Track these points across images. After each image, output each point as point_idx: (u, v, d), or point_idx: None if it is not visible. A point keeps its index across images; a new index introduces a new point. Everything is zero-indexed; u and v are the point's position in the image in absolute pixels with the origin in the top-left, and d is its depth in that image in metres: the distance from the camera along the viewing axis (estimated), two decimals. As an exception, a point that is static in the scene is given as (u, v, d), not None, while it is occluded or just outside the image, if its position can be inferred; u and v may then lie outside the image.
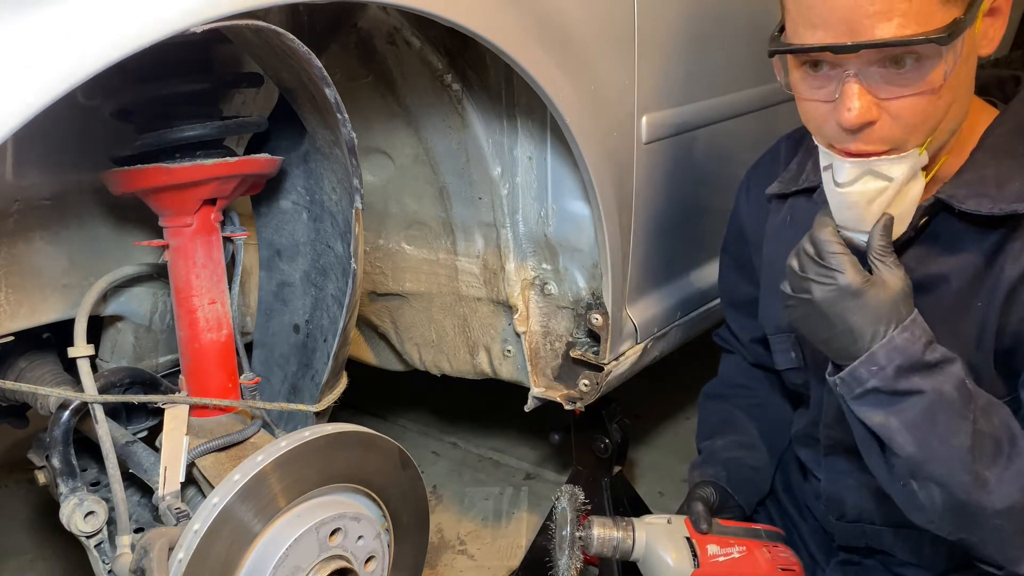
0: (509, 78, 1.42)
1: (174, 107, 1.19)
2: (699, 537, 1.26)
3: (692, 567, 1.23)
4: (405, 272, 1.75)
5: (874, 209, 1.03)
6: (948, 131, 1.03)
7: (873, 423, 1.02)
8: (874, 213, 1.03)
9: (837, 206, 1.04)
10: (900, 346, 0.99)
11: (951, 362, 1.01)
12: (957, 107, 1.01)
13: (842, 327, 1.02)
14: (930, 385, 0.99)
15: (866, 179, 1.01)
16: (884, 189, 1.00)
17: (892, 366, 0.99)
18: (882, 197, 1.01)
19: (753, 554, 1.29)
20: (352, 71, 1.48)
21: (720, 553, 1.27)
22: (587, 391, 1.60)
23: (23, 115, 0.75)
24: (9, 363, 1.44)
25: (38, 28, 0.76)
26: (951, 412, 0.99)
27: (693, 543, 1.26)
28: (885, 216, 1.02)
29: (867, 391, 1.01)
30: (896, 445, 1.01)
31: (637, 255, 1.56)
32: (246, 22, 0.90)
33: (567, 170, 1.47)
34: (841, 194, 1.02)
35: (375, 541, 1.19)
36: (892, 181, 1.00)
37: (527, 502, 2.30)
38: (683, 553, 1.24)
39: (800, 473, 1.45)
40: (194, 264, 1.21)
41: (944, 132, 1.02)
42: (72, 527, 1.16)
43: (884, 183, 1.00)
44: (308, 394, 1.35)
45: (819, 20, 0.95)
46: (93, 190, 1.32)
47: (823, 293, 1.02)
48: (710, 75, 1.66)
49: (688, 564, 1.23)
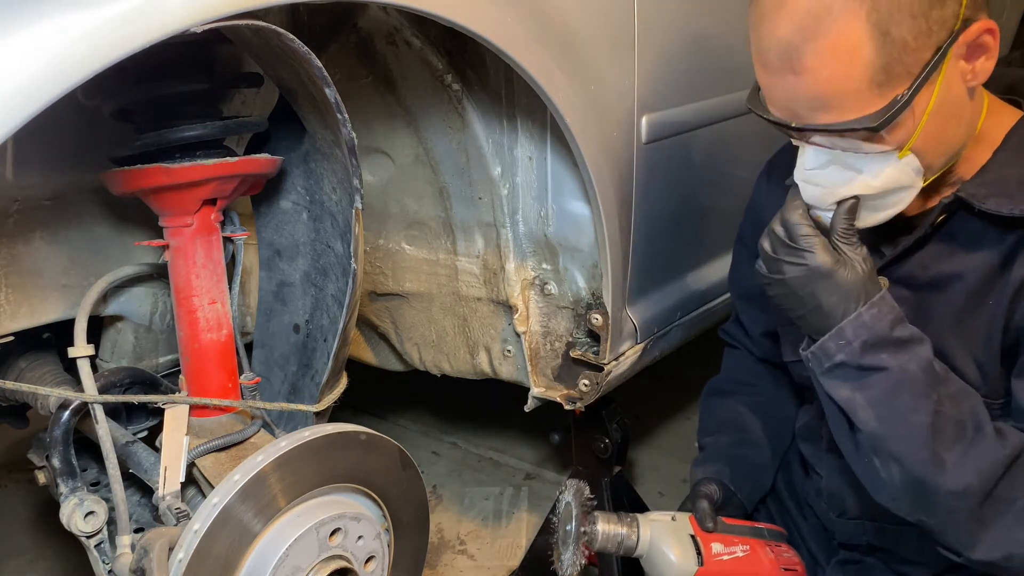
0: (509, 78, 1.42)
1: (174, 107, 1.19)
2: (703, 535, 1.26)
3: (696, 565, 1.23)
4: (405, 272, 1.75)
5: (839, 194, 1.05)
6: (944, 155, 1.05)
7: (840, 397, 1.05)
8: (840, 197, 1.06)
9: (804, 187, 1.07)
10: (867, 322, 1.02)
11: (919, 342, 1.04)
12: (944, 143, 1.03)
13: (813, 305, 1.05)
14: (895, 362, 1.02)
15: (831, 168, 1.04)
16: (850, 180, 1.03)
17: (859, 341, 1.02)
18: (846, 189, 1.04)
19: (757, 553, 1.29)
20: (352, 71, 1.48)
21: (724, 552, 1.26)
22: (587, 391, 1.60)
23: (23, 115, 0.75)
24: (9, 363, 1.44)
25: (38, 28, 0.76)
26: (914, 391, 1.01)
27: (697, 541, 1.25)
28: (850, 200, 1.04)
29: (835, 365, 1.04)
30: (859, 420, 1.04)
31: (637, 255, 1.56)
32: (246, 22, 0.90)
33: (567, 170, 1.47)
34: (805, 178, 1.06)
35: (375, 541, 1.19)
36: (861, 173, 1.03)
37: (527, 502, 2.30)
38: (687, 551, 1.24)
39: (802, 470, 1.45)
40: (194, 264, 1.21)
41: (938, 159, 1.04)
42: (72, 527, 1.16)
43: (852, 173, 1.03)
44: (308, 394, 1.35)
45: (770, 101, 1.04)
46: (93, 190, 1.32)
47: (794, 273, 1.05)
48: (710, 75, 1.66)
49: (692, 562, 1.23)
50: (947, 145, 1.05)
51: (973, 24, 0.95)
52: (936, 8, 0.93)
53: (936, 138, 1.02)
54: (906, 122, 0.98)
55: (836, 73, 0.95)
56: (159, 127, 1.17)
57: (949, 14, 0.94)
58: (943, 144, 1.04)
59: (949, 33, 0.94)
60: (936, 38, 0.94)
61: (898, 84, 0.95)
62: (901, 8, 0.92)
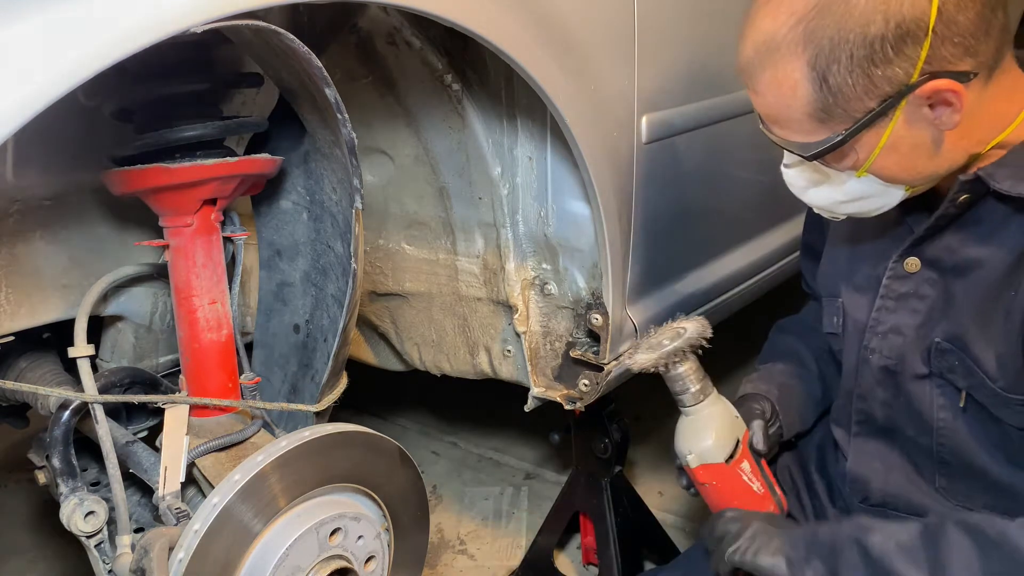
0: (509, 78, 1.42)
1: (174, 107, 1.19)
2: (744, 448, 1.27)
3: (719, 460, 1.24)
4: (405, 272, 1.75)
5: (808, 196, 1.13)
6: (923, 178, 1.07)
7: None
8: (809, 199, 1.14)
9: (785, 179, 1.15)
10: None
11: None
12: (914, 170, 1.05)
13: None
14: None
15: (802, 168, 1.10)
16: (820, 182, 1.09)
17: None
18: (816, 189, 1.11)
19: (764, 501, 1.29)
20: (352, 71, 1.48)
21: (746, 473, 1.27)
22: (587, 391, 1.60)
23: (23, 115, 0.75)
24: (9, 363, 1.44)
25: (38, 28, 0.76)
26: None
27: (739, 446, 1.26)
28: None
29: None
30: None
31: (637, 255, 1.56)
32: (246, 22, 0.90)
33: (567, 170, 1.47)
34: (784, 172, 1.14)
35: (375, 541, 1.19)
36: (829, 178, 1.08)
37: (527, 502, 2.30)
38: (724, 446, 1.25)
39: (834, 454, 1.45)
40: (194, 264, 1.21)
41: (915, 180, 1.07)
42: (72, 527, 1.16)
43: (820, 176, 1.09)
44: (308, 394, 1.35)
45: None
46: (93, 190, 1.32)
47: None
48: (710, 75, 1.66)
49: (719, 455, 1.24)
50: (920, 172, 1.06)
51: (933, 81, 0.95)
52: (880, 67, 0.95)
53: (900, 167, 1.05)
54: (851, 155, 1.03)
55: (779, 102, 1.03)
56: (159, 127, 1.17)
57: (897, 72, 0.95)
58: (914, 171, 1.06)
59: (898, 88, 0.96)
60: (881, 91, 0.97)
61: (838, 123, 1.00)
62: (840, 61, 0.96)
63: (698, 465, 1.26)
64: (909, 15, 0.93)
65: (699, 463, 1.25)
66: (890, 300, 1.19)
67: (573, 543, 2.07)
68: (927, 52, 0.94)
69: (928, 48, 0.94)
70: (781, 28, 0.98)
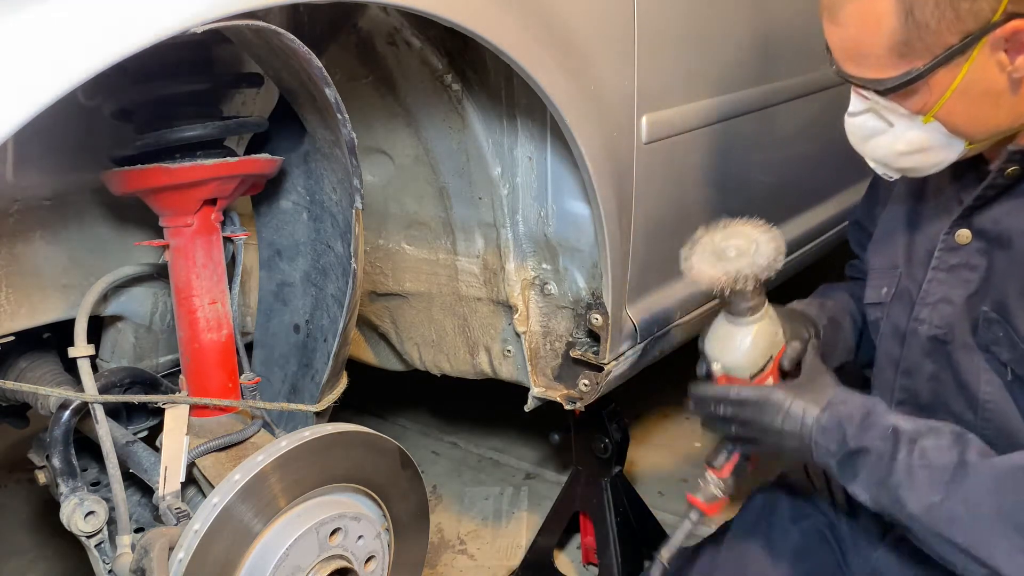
0: (509, 78, 1.42)
1: (174, 107, 1.19)
2: (774, 367, 1.22)
3: (745, 376, 1.19)
4: (405, 272, 1.75)
5: (868, 148, 1.14)
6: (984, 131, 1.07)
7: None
8: (868, 151, 1.14)
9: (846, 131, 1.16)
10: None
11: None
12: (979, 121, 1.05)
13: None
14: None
15: (868, 115, 1.10)
16: (883, 131, 1.10)
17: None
18: (878, 139, 1.11)
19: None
20: (352, 71, 1.48)
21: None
22: (587, 391, 1.60)
23: (23, 115, 0.75)
24: (9, 363, 1.44)
25: (38, 28, 0.76)
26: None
27: (770, 362, 1.21)
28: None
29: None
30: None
31: (637, 255, 1.56)
32: (246, 22, 0.90)
33: (567, 170, 1.47)
34: (847, 122, 1.14)
35: (375, 541, 1.19)
36: (892, 127, 1.09)
37: (527, 502, 2.30)
38: (754, 363, 1.19)
39: None
40: (194, 264, 1.21)
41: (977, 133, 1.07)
42: (72, 527, 1.16)
43: (884, 125, 1.09)
44: (308, 394, 1.35)
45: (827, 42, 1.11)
46: (93, 190, 1.32)
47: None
48: (710, 75, 1.66)
49: (746, 373, 1.19)
50: (983, 124, 1.06)
51: (1013, 21, 0.97)
52: (966, 0, 0.96)
53: (966, 115, 1.05)
54: (922, 94, 1.03)
55: (861, 34, 1.03)
56: (159, 127, 1.17)
57: (983, 7, 0.97)
58: (977, 122, 1.06)
59: (982, 25, 0.97)
60: (964, 26, 0.98)
61: (916, 58, 1.01)
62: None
63: (722, 374, 1.21)
64: None
65: (723, 372, 1.21)
66: (941, 272, 1.21)
67: (573, 543, 2.07)
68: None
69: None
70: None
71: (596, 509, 1.84)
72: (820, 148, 2.12)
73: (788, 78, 1.89)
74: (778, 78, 1.87)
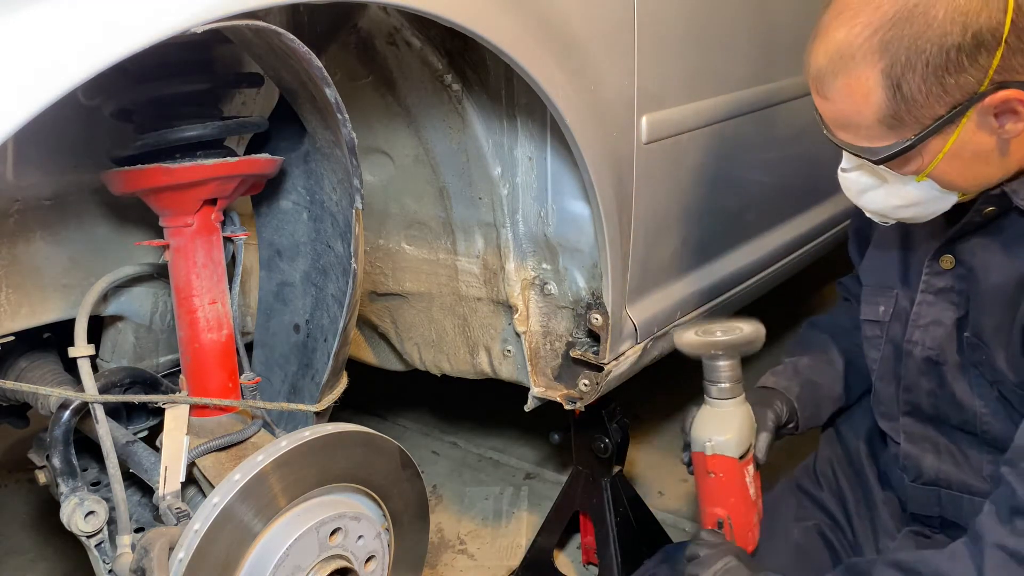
0: (509, 78, 1.42)
1: (174, 107, 1.19)
2: (752, 455, 1.32)
3: (736, 456, 1.28)
4: (405, 272, 1.75)
5: (863, 201, 1.16)
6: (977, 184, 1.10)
7: None
8: (863, 204, 1.17)
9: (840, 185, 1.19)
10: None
11: None
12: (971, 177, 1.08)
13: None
14: None
15: (860, 172, 1.14)
16: (877, 186, 1.13)
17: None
18: (872, 193, 1.14)
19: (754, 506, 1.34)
20: (352, 71, 1.48)
21: (748, 475, 1.32)
22: (587, 391, 1.60)
23: (23, 115, 0.75)
24: (10, 363, 1.44)
25: (38, 28, 0.76)
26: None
27: (751, 449, 1.31)
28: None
29: None
30: None
31: (637, 255, 1.56)
32: (246, 22, 0.90)
33: (567, 170, 1.47)
34: (841, 176, 1.17)
35: (375, 541, 1.19)
36: (886, 182, 1.12)
37: (527, 502, 2.30)
38: (742, 443, 1.29)
39: (882, 442, 1.46)
40: (194, 264, 1.21)
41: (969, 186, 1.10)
42: (72, 527, 1.16)
43: (878, 181, 1.12)
44: (308, 394, 1.35)
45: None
46: (93, 190, 1.32)
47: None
48: (710, 75, 1.66)
49: (736, 452, 1.28)
50: (975, 180, 1.09)
51: (1003, 91, 0.98)
52: (952, 75, 0.98)
53: (958, 173, 1.08)
54: (915, 159, 1.06)
55: (850, 108, 1.05)
56: (159, 127, 1.17)
57: (969, 80, 0.99)
58: (969, 179, 1.09)
59: (968, 96, 0.99)
60: (951, 99, 1.00)
61: (906, 129, 1.03)
62: (915, 69, 0.99)
63: (713, 454, 1.28)
64: (985, 25, 0.96)
65: (715, 452, 1.28)
66: (930, 295, 1.23)
67: (573, 543, 2.07)
68: (999, 62, 0.97)
69: (1000, 58, 0.97)
70: (857, 38, 1.01)
71: (596, 509, 1.84)
72: (821, 148, 2.12)
73: (789, 78, 1.89)
74: (778, 78, 1.87)
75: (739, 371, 1.30)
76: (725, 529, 1.31)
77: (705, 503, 1.33)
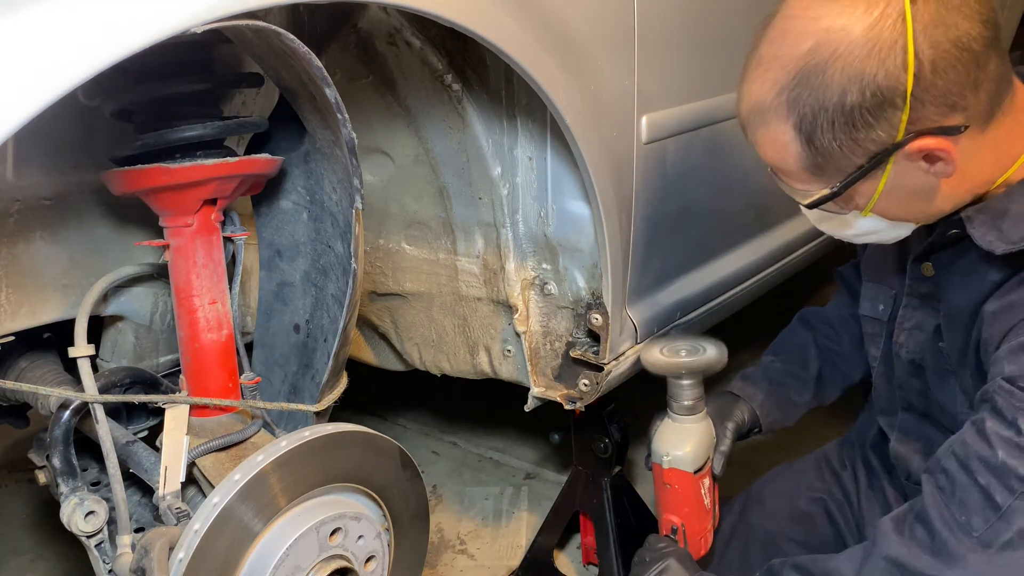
0: (509, 78, 1.42)
1: (174, 107, 1.19)
2: (709, 468, 1.40)
3: (691, 471, 1.35)
4: (405, 272, 1.75)
5: (825, 228, 1.16)
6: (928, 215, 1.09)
7: None
8: (826, 231, 1.17)
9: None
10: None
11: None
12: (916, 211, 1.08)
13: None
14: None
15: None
16: (832, 218, 1.12)
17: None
18: (829, 223, 1.14)
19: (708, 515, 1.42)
20: (352, 71, 1.48)
21: (704, 488, 1.39)
22: (587, 391, 1.60)
23: (23, 115, 0.75)
24: (10, 363, 1.45)
25: (38, 28, 0.76)
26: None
27: (707, 463, 1.38)
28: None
29: None
30: None
31: (637, 255, 1.56)
32: (246, 22, 0.90)
33: (567, 170, 1.47)
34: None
35: (375, 541, 1.19)
36: (841, 214, 1.11)
37: (527, 502, 2.30)
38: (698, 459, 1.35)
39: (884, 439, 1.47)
40: (194, 264, 1.21)
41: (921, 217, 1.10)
42: (72, 527, 1.16)
43: (831, 214, 1.11)
44: (308, 394, 1.35)
45: None
46: (93, 190, 1.32)
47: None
48: (710, 75, 1.65)
49: (691, 467, 1.35)
50: (921, 212, 1.09)
51: (920, 139, 0.96)
52: (861, 130, 0.97)
53: (903, 209, 1.07)
54: (852, 199, 1.06)
55: (775, 156, 1.07)
56: (159, 127, 1.17)
57: (881, 135, 0.97)
58: (915, 212, 1.08)
59: (884, 147, 0.98)
60: (867, 150, 0.99)
61: (831, 177, 1.03)
62: (822, 127, 0.98)
63: (670, 468, 1.36)
64: (884, 84, 0.94)
65: (671, 466, 1.36)
66: (914, 299, 1.24)
67: (573, 543, 2.07)
68: (908, 115, 0.95)
69: (908, 111, 0.95)
70: (767, 95, 1.01)
71: (596, 509, 1.84)
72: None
73: (788, 78, 1.89)
74: (778, 78, 1.87)
75: (701, 390, 1.37)
76: (679, 535, 1.38)
77: (662, 510, 1.41)
